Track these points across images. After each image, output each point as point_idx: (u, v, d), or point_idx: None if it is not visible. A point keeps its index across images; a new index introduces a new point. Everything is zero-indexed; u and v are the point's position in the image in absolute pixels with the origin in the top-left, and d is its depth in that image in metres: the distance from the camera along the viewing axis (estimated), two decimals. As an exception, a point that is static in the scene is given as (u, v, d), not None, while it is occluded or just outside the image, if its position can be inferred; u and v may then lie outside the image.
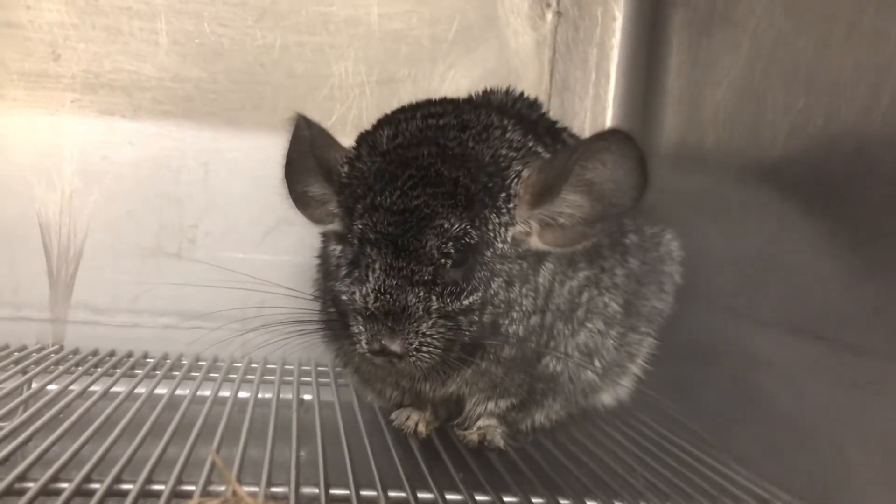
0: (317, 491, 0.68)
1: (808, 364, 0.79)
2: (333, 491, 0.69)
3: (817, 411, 0.77)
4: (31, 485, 0.63)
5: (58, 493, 0.63)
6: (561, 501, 0.71)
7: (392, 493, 0.69)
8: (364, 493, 0.69)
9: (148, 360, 1.13)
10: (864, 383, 0.71)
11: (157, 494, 0.65)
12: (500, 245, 0.75)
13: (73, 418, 0.82)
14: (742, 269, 0.92)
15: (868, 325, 0.71)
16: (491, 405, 0.86)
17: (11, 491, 0.63)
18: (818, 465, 0.76)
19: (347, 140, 0.83)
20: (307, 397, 1.01)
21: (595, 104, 1.28)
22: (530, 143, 0.78)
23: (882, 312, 0.70)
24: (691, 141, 1.07)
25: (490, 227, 0.74)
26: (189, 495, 0.65)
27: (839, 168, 0.77)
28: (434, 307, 0.72)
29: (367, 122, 0.83)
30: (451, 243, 0.72)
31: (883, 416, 0.69)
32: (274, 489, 0.68)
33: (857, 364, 0.72)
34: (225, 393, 0.98)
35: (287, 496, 0.66)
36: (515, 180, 0.74)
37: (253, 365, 1.13)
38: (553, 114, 0.97)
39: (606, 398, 0.98)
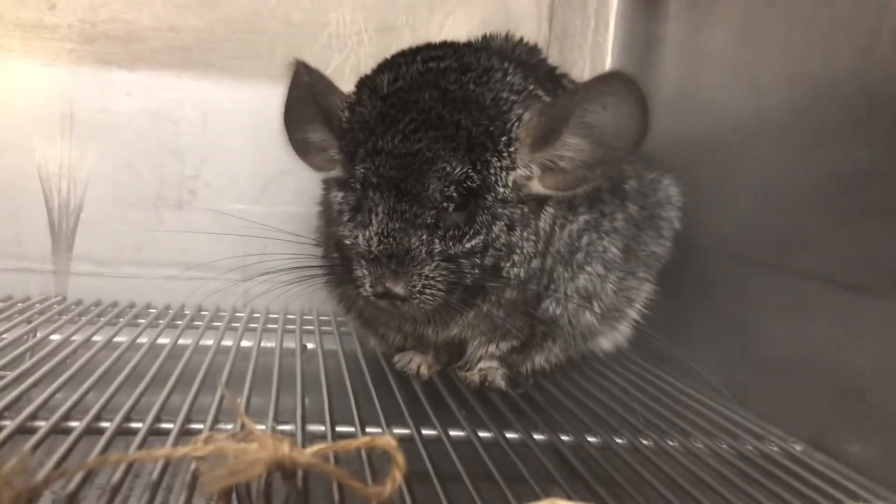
0: (322, 428, 0.70)
1: (805, 303, 0.80)
2: (339, 428, 0.70)
3: (812, 350, 0.79)
4: (41, 424, 0.64)
5: (67, 432, 0.64)
6: (562, 438, 0.73)
7: (397, 431, 0.70)
8: (370, 429, 0.70)
9: (150, 310, 1.14)
10: (859, 321, 0.73)
11: (166, 433, 0.66)
12: (502, 189, 0.75)
13: (76, 366, 0.82)
14: (740, 212, 0.92)
15: (863, 264, 0.73)
16: (492, 347, 0.87)
17: (23, 430, 0.64)
18: (812, 403, 0.78)
19: (346, 89, 0.83)
20: (310, 345, 1.02)
21: (594, 52, 1.28)
22: (531, 87, 0.78)
23: (877, 250, 0.71)
24: (690, 87, 1.07)
25: (491, 170, 0.74)
26: (197, 433, 0.66)
27: (838, 108, 0.77)
28: (437, 250, 0.73)
29: (365, 71, 0.83)
30: (453, 187, 0.73)
31: (877, 353, 0.71)
32: (281, 427, 0.69)
33: (852, 302, 0.73)
34: (228, 342, 0.98)
35: (294, 434, 0.68)
36: (517, 123, 0.75)
37: (255, 315, 1.14)
38: (552, 62, 0.96)
39: (605, 343, 0.99)
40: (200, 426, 0.68)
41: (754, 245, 0.89)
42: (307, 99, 0.83)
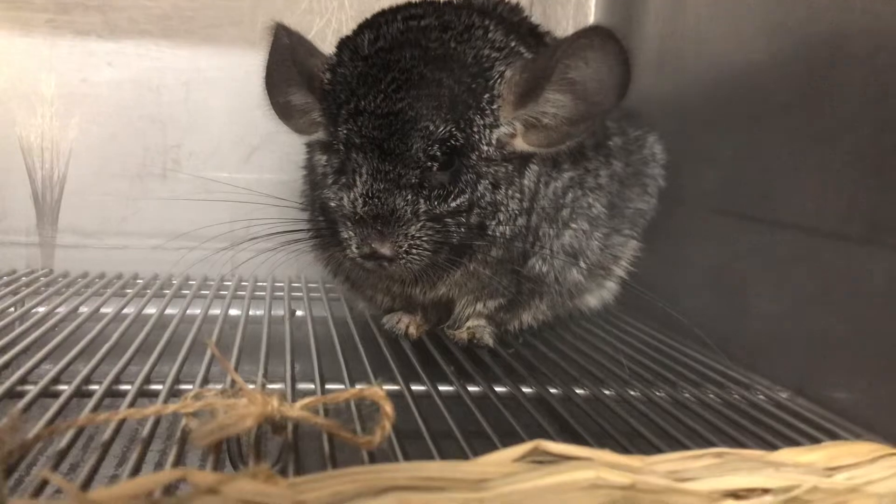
0: (312, 387, 0.70)
1: (788, 254, 0.80)
2: (329, 386, 0.71)
3: (796, 300, 0.79)
4: (31, 387, 0.65)
5: (57, 395, 0.64)
6: (550, 390, 0.73)
7: (386, 387, 0.69)
8: (359, 386, 0.70)
9: (138, 280, 1.14)
10: (841, 269, 0.73)
11: (155, 394, 0.67)
12: (486, 147, 0.75)
13: (63, 334, 0.82)
14: (723, 166, 0.93)
15: (844, 213, 0.73)
16: (479, 306, 0.87)
17: (12, 394, 0.64)
18: (797, 352, 0.79)
19: (329, 53, 0.83)
20: (299, 312, 1.02)
21: (577, 11, 1.27)
22: (513, 44, 0.78)
23: (857, 200, 0.72)
24: (673, 46, 1.07)
25: (475, 128, 0.74)
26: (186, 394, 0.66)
27: (820, 59, 0.77)
28: (422, 210, 0.73)
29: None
30: (436, 146, 0.73)
31: (858, 300, 0.71)
32: (271, 386, 0.69)
33: (833, 251, 0.74)
34: (216, 311, 0.98)
35: (283, 392, 0.68)
36: (499, 81, 0.74)
37: (243, 283, 1.14)
38: (535, 21, 0.96)
39: (592, 301, 1.00)
40: (189, 386, 0.68)
41: (737, 198, 0.90)
42: (288, 62, 0.82)
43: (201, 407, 0.52)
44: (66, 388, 0.65)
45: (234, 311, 0.99)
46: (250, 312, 0.99)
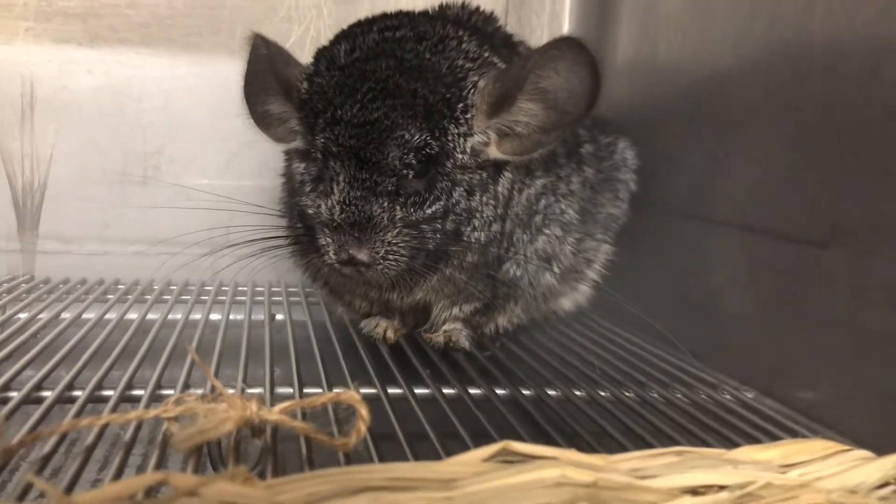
0: (291, 391, 0.72)
1: (755, 257, 0.83)
2: (307, 390, 0.72)
3: (763, 302, 0.82)
4: (14, 394, 0.66)
5: (40, 401, 0.65)
6: (523, 392, 0.75)
7: (363, 390, 0.72)
8: (336, 390, 0.72)
9: (119, 286, 1.14)
10: (805, 272, 0.76)
11: (137, 399, 0.68)
12: (460, 155, 0.77)
13: (45, 341, 0.83)
14: (692, 172, 0.95)
15: (808, 217, 0.75)
16: (456, 310, 0.89)
17: (-5, 401, 0.65)
18: (763, 353, 0.81)
19: (306, 62, 0.84)
20: (279, 316, 1.03)
21: (552, 20, 1.29)
22: (486, 54, 0.80)
23: (820, 204, 0.74)
24: (645, 53, 1.09)
25: (449, 137, 0.76)
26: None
27: (783, 67, 0.80)
28: (398, 217, 0.75)
29: (325, 44, 0.84)
30: (412, 154, 0.74)
31: (822, 302, 0.74)
32: (250, 391, 0.71)
33: (798, 254, 0.76)
34: (196, 316, 0.99)
35: (262, 396, 0.69)
36: (472, 91, 0.76)
37: (224, 288, 1.15)
38: (510, 30, 0.98)
39: (566, 303, 1.02)
40: (171, 392, 0.69)
41: (706, 203, 0.92)
42: (266, 71, 0.84)
43: (182, 412, 0.53)
44: (49, 395, 0.66)
45: (214, 316, 1.00)
46: (231, 317, 1.00)
